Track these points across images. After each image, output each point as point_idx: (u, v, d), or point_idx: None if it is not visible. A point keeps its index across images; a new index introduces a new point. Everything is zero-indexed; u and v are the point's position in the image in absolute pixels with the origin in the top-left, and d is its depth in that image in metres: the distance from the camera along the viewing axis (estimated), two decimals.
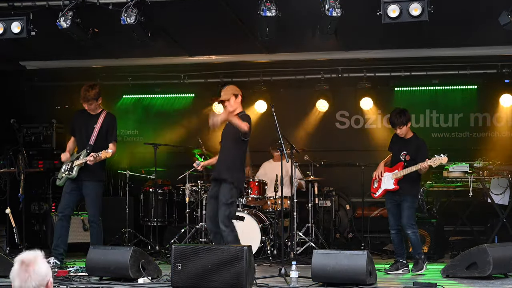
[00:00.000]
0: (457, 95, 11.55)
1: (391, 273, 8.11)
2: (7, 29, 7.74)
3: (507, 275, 7.33)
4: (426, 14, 7.00)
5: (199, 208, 10.02)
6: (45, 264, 3.24)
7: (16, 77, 11.39)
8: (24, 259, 3.21)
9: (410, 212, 8.14)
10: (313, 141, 11.53)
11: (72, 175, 8.21)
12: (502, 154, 10.26)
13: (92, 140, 8.27)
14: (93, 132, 8.30)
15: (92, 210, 8.27)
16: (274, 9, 7.32)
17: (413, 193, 8.25)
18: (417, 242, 8.14)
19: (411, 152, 8.21)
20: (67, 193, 8.29)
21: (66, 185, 8.30)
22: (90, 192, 8.26)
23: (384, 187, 8.37)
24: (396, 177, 8.22)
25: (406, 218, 8.11)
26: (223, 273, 6.46)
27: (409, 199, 8.17)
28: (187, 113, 12.04)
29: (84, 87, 8.30)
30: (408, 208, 8.14)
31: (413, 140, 8.35)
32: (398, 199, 8.24)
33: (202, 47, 10.08)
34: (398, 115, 8.25)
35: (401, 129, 8.24)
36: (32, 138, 11.54)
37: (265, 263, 9.01)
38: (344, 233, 11.22)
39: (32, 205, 11.19)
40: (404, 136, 8.31)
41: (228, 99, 7.60)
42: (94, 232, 8.28)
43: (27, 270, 3.18)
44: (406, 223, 8.11)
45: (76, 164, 8.20)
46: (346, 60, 10.62)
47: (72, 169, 8.23)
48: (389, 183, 8.31)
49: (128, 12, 7.47)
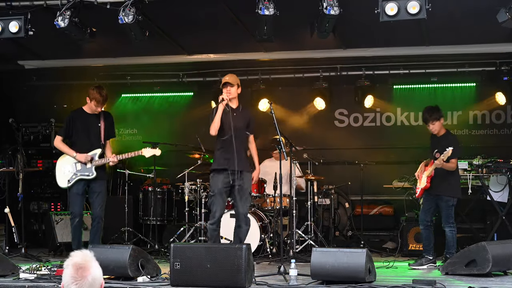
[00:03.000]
0: (455, 92, 11.55)
1: (416, 268, 8.18)
2: (5, 28, 7.74)
3: (506, 273, 7.33)
4: (424, 12, 7.00)
5: (198, 206, 10.02)
6: (98, 265, 3.16)
7: (15, 76, 11.40)
8: (80, 263, 3.10)
9: (447, 212, 8.34)
10: (312, 139, 11.52)
11: (94, 175, 8.28)
12: (501, 152, 10.25)
13: (102, 139, 8.38)
14: (100, 131, 8.38)
15: (102, 207, 8.38)
16: (272, 7, 7.31)
17: (447, 192, 8.38)
18: (451, 241, 8.30)
19: (442, 149, 8.24)
20: (80, 194, 8.33)
21: (77, 186, 8.30)
22: (102, 190, 8.41)
23: (421, 186, 8.54)
24: (427, 175, 8.36)
25: (444, 217, 8.36)
26: (222, 272, 6.46)
27: (444, 198, 8.36)
28: (185, 111, 12.05)
29: (100, 90, 8.30)
30: (444, 208, 8.35)
31: (445, 137, 8.51)
32: (433, 197, 8.44)
33: (200, 45, 10.08)
34: (430, 111, 8.44)
35: (433, 124, 8.39)
36: (31, 138, 11.53)
37: (264, 261, 9.00)
38: (343, 231, 11.22)
39: (31, 204, 11.20)
40: (437, 133, 8.45)
41: (234, 85, 7.81)
42: (99, 228, 8.37)
43: (83, 275, 3.08)
44: (444, 222, 8.35)
45: (95, 164, 8.27)
46: (344, 58, 10.62)
47: (91, 170, 8.27)
48: (423, 181, 8.46)
49: (126, 11, 7.46)
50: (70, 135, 8.46)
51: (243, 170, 7.80)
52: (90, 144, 8.38)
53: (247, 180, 7.85)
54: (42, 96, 11.67)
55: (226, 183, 7.71)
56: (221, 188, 7.73)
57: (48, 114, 11.68)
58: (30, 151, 11.32)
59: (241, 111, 7.96)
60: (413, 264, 8.38)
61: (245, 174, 7.82)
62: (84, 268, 3.09)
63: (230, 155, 7.67)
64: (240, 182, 7.73)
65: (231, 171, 7.69)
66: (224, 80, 7.86)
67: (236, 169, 7.69)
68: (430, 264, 8.35)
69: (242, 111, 7.99)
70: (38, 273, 7.18)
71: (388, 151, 11.61)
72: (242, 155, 7.82)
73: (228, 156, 7.70)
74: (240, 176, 7.74)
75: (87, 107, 8.44)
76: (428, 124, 8.45)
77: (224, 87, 7.83)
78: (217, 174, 7.79)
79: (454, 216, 8.47)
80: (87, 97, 8.37)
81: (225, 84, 7.82)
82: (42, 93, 11.68)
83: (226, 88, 7.80)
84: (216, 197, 7.73)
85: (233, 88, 7.83)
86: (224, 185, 7.72)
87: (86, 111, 8.45)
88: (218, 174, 7.78)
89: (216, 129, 7.71)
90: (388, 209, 11.15)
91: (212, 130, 7.73)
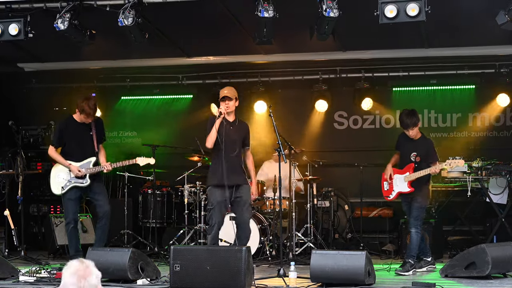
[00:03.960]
0: (455, 95, 11.54)
1: (418, 270, 8.13)
2: (5, 31, 7.74)
3: (506, 275, 7.34)
4: (423, 14, 7.00)
5: (198, 209, 10.02)
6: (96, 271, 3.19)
7: (14, 79, 11.40)
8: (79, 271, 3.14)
9: (418, 213, 8.19)
10: (312, 142, 11.52)
11: (88, 183, 8.33)
12: (500, 154, 10.26)
13: (95, 147, 8.41)
14: (93, 139, 8.41)
15: (108, 205, 8.43)
16: (271, 9, 7.32)
17: (423, 194, 8.26)
18: (415, 243, 8.13)
19: (421, 153, 8.20)
20: (72, 200, 8.35)
21: (71, 192, 8.33)
22: (102, 190, 8.52)
23: (398, 190, 8.38)
24: (410, 179, 8.22)
25: (413, 218, 8.19)
26: (222, 274, 6.47)
27: (419, 199, 8.21)
28: (185, 114, 12.04)
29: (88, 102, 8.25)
30: (417, 209, 8.20)
31: (422, 140, 8.36)
32: (409, 199, 8.30)
33: (200, 48, 10.09)
34: (409, 116, 8.22)
35: (413, 130, 8.23)
36: (31, 140, 11.55)
37: (264, 264, 9.00)
38: (343, 234, 11.21)
39: (30, 207, 11.20)
40: (413, 137, 8.31)
41: (232, 99, 7.76)
42: (106, 228, 8.41)
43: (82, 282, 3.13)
44: (412, 223, 8.17)
45: (90, 172, 8.31)
46: (344, 60, 10.63)
47: (85, 178, 8.32)
48: (402, 185, 8.31)
49: (126, 14, 7.46)
50: (64, 144, 8.49)
51: (240, 184, 7.75)
52: (83, 153, 8.41)
53: (245, 192, 7.77)
54: (41, 99, 11.68)
55: (224, 197, 7.66)
56: (220, 201, 7.67)
57: (48, 117, 11.68)
58: (30, 153, 11.32)
59: (238, 125, 7.91)
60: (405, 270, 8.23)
61: (242, 187, 7.76)
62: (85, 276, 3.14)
63: (225, 170, 7.60)
64: (238, 194, 7.70)
65: (228, 186, 7.63)
66: (223, 94, 7.80)
67: (232, 184, 7.65)
68: (430, 266, 8.32)
69: (239, 124, 7.95)
70: (38, 276, 7.18)
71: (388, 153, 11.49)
72: (237, 169, 7.76)
73: (223, 171, 7.62)
74: (237, 190, 7.71)
75: (77, 115, 8.42)
76: (408, 129, 8.22)
77: (222, 101, 7.78)
78: (214, 188, 7.76)
79: (423, 220, 8.35)
80: (76, 108, 8.35)
81: (224, 98, 7.77)
82: (41, 96, 11.68)
83: (224, 102, 7.76)
84: (214, 210, 7.67)
85: (231, 102, 7.76)
86: (223, 199, 7.67)
87: (76, 119, 8.44)
88: (215, 189, 7.74)
89: (212, 142, 7.65)
90: (387, 212, 11.14)
91: (208, 143, 7.69)
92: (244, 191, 7.76)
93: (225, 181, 7.57)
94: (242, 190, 7.73)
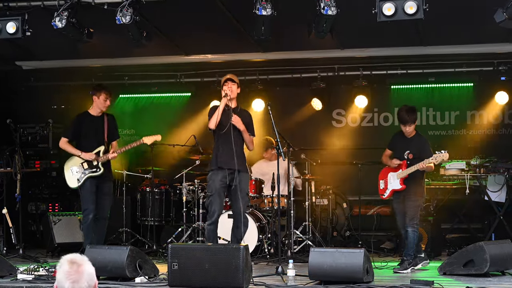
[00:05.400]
0: (453, 92, 11.55)
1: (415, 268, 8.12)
2: (2, 29, 7.73)
3: (504, 273, 7.34)
4: (421, 12, 7.00)
5: (196, 207, 10.02)
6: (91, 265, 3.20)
7: (12, 77, 11.37)
8: (74, 259, 3.14)
9: (413, 212, 8.15)
10: (310, 140, 11.52)
11: (101, 171, 8.48)
12: (498, 152, 10.26)
13: (105, 137, 8.62)
14: (104, 131, 8.60)
15: (109, 209, 8.65)
16: (269, 7, 7.31)
17: (417, 192, 8.23)
18: (413, 242, 8.12)
19: (414, 150, 8.19)
20: (92, 192, 8.48)
21: (90, 184, 8.45)
22: (110, 192, 8.76)
23: (391, 188, 8.39)
24: (401, 176, 8.22)
25: (409, 218, 8.15)
26: (220, 272, 6.46)
27: (412, 197, 8.18)
28: (183, 112, 12.03)
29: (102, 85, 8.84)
30: (412, 208, 8.16)
31: (416, 138, 8.34)
32: (402, 198, 8.27)
33: (198, 46, 10.07)
34: (409, 112, 8.21)
35: (410, 127, 8.22)
36: (29, 138, 11.54)
37: (262, 262, 9.00)
38: (341, 231, 11.22)
39: (29, 205, 11.20)
40: (408, 134, 8.30)
41: (235, 83, 7.86)
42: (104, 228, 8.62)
43: (78, 270, 3.11)
44: (408, 222, 8.13)
45: (101, 160, 8.49)
46: (342, 58, 10.61)
47: (98, 166, 8.48)
48: (395, 183, 8.32)
49: (123, 12, 7.46)
50: (77, 137, 8.63)
51: (241, 170, 7.80)
52: (96, 143, 8.60)
53: (244, 180, 7.85)
54: (40, 97, 11.65)
55: (224, 182, 7.71)
56: (219, 188, 7.73)
57: (46, 115, 11.69)
58: (28, 152, 11.32)
59: (240, 112, 7.96)
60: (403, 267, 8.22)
61: (242, 175, 7.82)
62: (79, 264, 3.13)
63: (227, 154, 7.67)
64: (236, 182, 7.73)
65: (229, 171, 7.69)
66: (226, 77, 7.90)
67: (234, 168, 7.69)
68: (424, 262, 8.30)
69: (241, 112, 8.00)
70: (36, 274, 7.17)
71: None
72: (239, 155, 7.81)
73: (225, 155, 7.70)
74: (237, 176, 7.74)
75: (93, 109, 8.67)
76: (406, 126, 8.21)
77: (225, 84, 7.83)
78: (215, 173, 7.79)
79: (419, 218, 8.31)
80: (94, 96, 8.61)
81: (227, 81, 7.83)
82: (40, 94, 11.66)
83: (227, 84, 7.81)
84: (214, 197, 7.73)
85: (234, 86, 7.86)
86: (222, 185, 7.72)
87: (91, 113, 8.68)
88: (216, 174, 7.78)
89: (216, 122, 7.69)
90: (385, 210, 11.12)
91: (211, 123, 7.72)
92: (243, 178, 7.84)
93: (226, 165, 7.71)
94: (241, 177, 7.79)
